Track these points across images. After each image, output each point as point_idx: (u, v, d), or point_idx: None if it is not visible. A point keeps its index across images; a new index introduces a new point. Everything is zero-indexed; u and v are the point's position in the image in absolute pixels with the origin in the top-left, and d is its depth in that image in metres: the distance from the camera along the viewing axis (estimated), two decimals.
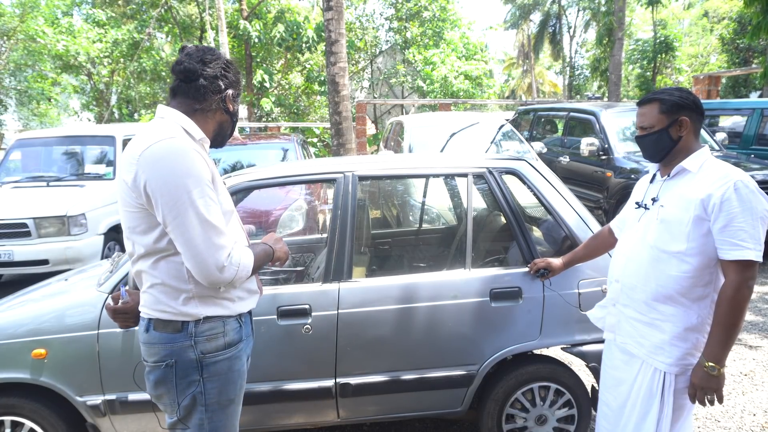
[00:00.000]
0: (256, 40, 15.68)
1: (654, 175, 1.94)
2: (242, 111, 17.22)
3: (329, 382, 2.40)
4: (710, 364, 1.67)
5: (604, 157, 6.34)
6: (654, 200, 1.85)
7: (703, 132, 6.23)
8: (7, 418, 2.33)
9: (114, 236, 5.56)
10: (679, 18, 27.52)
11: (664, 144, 1.80)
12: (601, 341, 2.28)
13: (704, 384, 1.69)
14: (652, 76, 20.05)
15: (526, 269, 2.46)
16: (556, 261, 2.36)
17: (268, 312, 2.32)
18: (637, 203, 1.95)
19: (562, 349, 2.53)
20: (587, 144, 6.26)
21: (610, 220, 2.44)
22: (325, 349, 2.37)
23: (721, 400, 1.71)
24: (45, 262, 5.09)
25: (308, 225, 4.88)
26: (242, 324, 1.74)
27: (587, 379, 3.16)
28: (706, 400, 1.71)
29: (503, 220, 2.73)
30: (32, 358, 2.24)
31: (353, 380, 2.41)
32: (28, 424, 2.34)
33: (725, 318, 1.66)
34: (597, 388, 2.33)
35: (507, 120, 5.84)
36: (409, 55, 17.86)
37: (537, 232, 2.87)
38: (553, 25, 30.76)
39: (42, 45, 16.45)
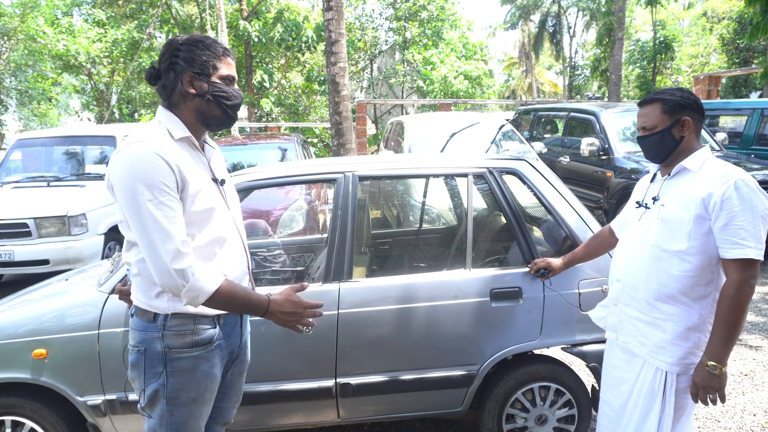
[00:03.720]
0: (256, 40, 15.68)
1: (654, 175, 1.94)
2: (242, 111, 17.19)
3: (329, 382, 2.40)
4: (712, 363, 1.67)
5: (604, 157, 6.35)
6: (655, 199, 1.85)
7: (703, 132, 6.23)
8: (8, 418, 2.33)
9: (114, 236, 5.56)
10: (678, 18, 27.49)
11: (667, 144, 1.80)
12: (602, 341, 2.28)
13: (706, 383, 1.69)
14: (652, 76, 20.05)
15: (527, 269, 2.46)
16: (556, 261, 2.36)
17: None
18: (637, 202, 1.95)
19: (562, 349, 2.53)
20: (587, 144, 6.27)
21: (611, 220, 2.44)
22: (326, 349, 2.37)
23: (723, 400, 1.71)
24: (45, 262, 5.09)
25: (308, 225, 4.88)
26: (219, 326, 1.71)
27: (587, 379, 3.16)
28: (708, 400, 1.71)
29: (503, 220, 2.73)
30: (33, 358, 2.24)
31: (353, 380, 2.40)
32: (29, 423, 2.34)
33: (727, 317, 1.66)
34: (597, 388, 2.33)
35: (507, 120, 5.83)
36: (408, 55, 17.86)
37: (537, 232, 2.87)
38: (553, 26, 30.76)
39: (42, 45, 16.44)
